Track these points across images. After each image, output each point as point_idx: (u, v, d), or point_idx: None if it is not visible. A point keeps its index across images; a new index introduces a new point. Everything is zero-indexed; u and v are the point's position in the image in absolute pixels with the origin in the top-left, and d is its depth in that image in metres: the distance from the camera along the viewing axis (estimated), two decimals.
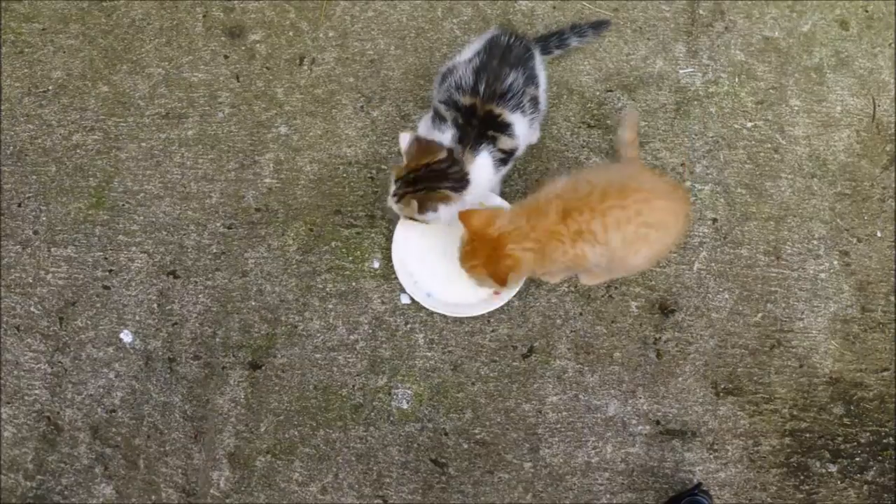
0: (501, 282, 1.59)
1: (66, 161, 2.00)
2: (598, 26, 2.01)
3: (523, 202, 1.64)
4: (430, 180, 1.67)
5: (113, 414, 1.86)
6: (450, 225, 1.70)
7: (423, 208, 1.66)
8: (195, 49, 2.07)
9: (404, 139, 1.67)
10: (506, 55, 1.71)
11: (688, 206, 1.66)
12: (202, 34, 2.08)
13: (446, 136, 1.71)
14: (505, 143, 1.72)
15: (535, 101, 1.76)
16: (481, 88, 1.68)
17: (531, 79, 1.74)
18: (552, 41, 1.93)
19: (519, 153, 1.79)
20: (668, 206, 1.59)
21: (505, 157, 1.74)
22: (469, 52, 1.76)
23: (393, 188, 1.70)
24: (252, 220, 1.95)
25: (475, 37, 1.89)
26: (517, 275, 1.64)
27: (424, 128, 1.78)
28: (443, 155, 1.67)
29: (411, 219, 1.71)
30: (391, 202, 1.71)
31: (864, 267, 1.92)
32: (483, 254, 1.59)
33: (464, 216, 1.60)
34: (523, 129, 1.75)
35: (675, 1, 2.07)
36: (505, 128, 1.71)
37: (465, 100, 1.69)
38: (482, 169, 1.70)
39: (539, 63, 1.80)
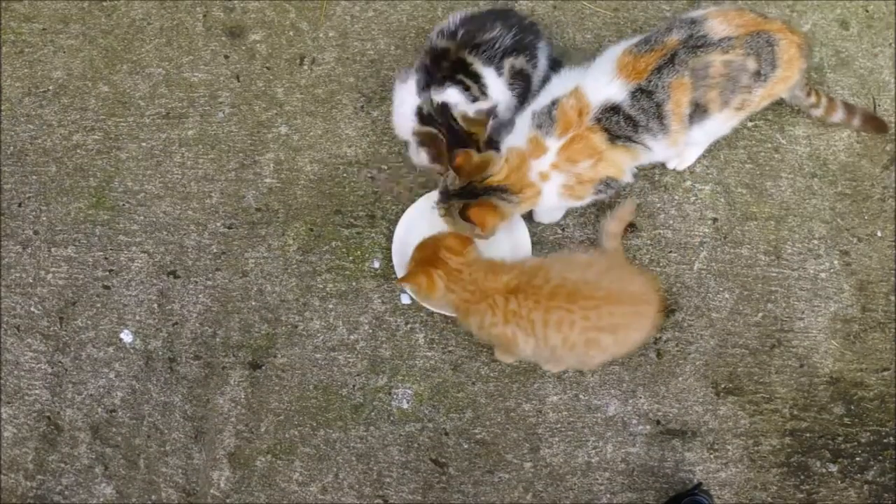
0: (404, 280, 1.64)
1: (66, 161, 2.00)
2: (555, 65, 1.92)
3: (494, 260, 1.66)
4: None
5: (113, 414, 1.86)
6: (455, 227, 1.70)
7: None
8: (195, 49, 2.07)
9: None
10: (507, 16, 1.68)
11: (655, 307, 1.64)
12: (202, 34, 2.08)
13: (410, 84, 1.69)
14: (476, 92, 1.67)
15: (521, 73, 1.72)
16: (459, 34, 1.66)
17: (525, 50, 1.70)
18: (553, 64, 1.88)
19: (500, 114, 1.73)
20: (625, 311, 1.59)
21: (475, 98, 1.70)
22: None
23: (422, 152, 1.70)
24: (252, 220, 1.95)
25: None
26: (421, 292, 1.66)
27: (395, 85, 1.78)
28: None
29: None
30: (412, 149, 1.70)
31: (864, 266, 1.92)
32: (423, 255, 1.63)
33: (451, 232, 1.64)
34: (499, 88, 1.70)
35: (675, 1, 2.07)
36: (475, 78, 1.67)
37: (442, 43, 1.67)
38: (451, 97, 1.67)
39: (544, 46, 1.77)
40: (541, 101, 1.69)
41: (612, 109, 1.62)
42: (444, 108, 1.68)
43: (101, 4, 2.11)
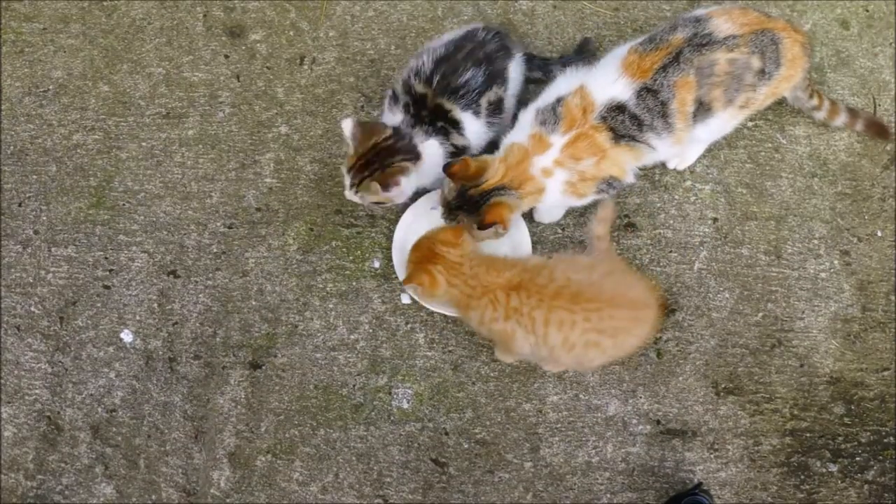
0: (407, 282, 1.64)
1: (66, 161, 2.00)
2: (582, 51, 1.94)
3: (495, 257, 1.66)
4: (382, 158, 1.65)
5: (113, 413, 1.86)
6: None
7: (385, 186, 1.65)
8: (195, 49, 2.07)
9: (347, 126, 1.65)
10: (474, 51, 1.69)
11: (654, 313, 1.64)
12: (202, 34, 2.08)
13: (396, 120, 1.71)
14: (456, 139, 1.71)
15: (497, 104, 1.74)
16: (435, 79, 1.67)
17: (497, 78, 1.72)
18: (536, 62, 1.90)
19: (473, 151, 1.77)
20: (627, 315, 1.59)
21: (456, 151, 1.73)
22: (444, 38, 1.75)
23: (348, 180, 1.69)
24: (252, 220, 1.95)
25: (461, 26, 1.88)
26: (424, 291, 1.65)
27: (386, 104, 1.79)
28: (388, 132, 1.66)
29: (378, 203, 1.70)
30: (350, 195, 1.70)
31: (864, 266, 1.92)
32: (420, 254, 1.63)
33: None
34: (476, 130, 1.73)
35: (675, 1, 2.07)
36: (454, 124, 1.69)
37: (419, 87, 1.68)
38: (431, 156, 1.70)
39: (515, 66, 1.78)
40: (545, 98, 1.69)
41: (618, 108, 1.62)
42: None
43: (101, 4, 2.11)
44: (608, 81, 1.63)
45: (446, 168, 1.64)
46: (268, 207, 1.96)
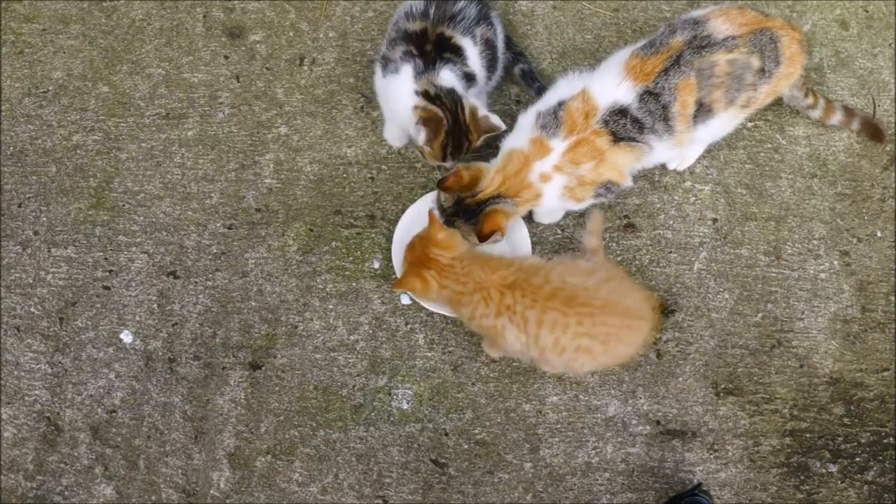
0: (398, 286, 1.69)
1: (66, 161, 2.00)
2: (543, 89, 1.90)
3: (491, 255, 1.66)
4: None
5: (113, 414, 1.86)
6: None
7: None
8: (195, 49, 2.07)
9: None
10: None
11: (648, 323, 1.64)
12: (202, 34, 2.08)
13: (405, 75, 1.70)
14: (463, 66, 1.72)
15: (487, 43, 1.77)
16: (431, 11, 1.69)
17: (485, 19, 1.75)
18: (513, 46, 1.93)
19: (479, 83, 1.78)
20: (620, 322, 1.59)
21: (467, 77, 1.74)
22: None
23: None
24: (252, 221, 1.95)
25: None
26: (416, 294, 1.69)
27: (378, 83, 1.78)
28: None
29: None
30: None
31: (864, 267, 1.92)
32: (413, 256, 1.64)
33: (432, 224, 1.64)
34: (475, 59, 1.74)
35: (675, 1, 2.07)
36: (457, 51, 1.70)
37: (415, 25, 1.69)
38: (449, 81, 1.70)
39: (499, 23, 1.82)
40: (546, 101, 1.69)
41: (620, 112, 1.62)
42: (454, 94, 1.69)
43: (101, 5, 2.11)
44: (611, 85, 1.63)
45: (440, 183, 1.65)
46: (267, 208, 1.96)
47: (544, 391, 1.84)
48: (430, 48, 1.69)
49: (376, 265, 1.91)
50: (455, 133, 1.70)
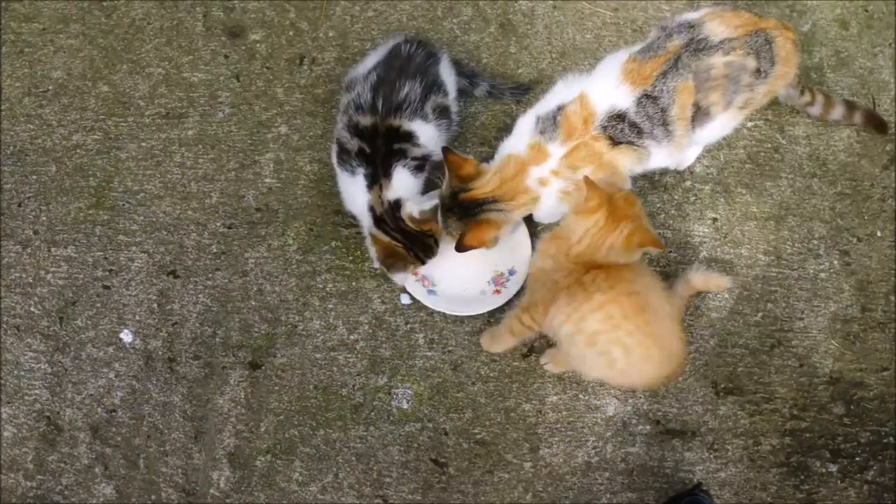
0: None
1: (66, 161, 2.00)
2: (517, 91, 1.96)
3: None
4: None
5: (113, 414, 1.86)
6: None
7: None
8: (195, 49, 2.07)
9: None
10: (405, 66, 1.71)
11: (670, 371, 1.62)
12: (202, 34, 2.08)
13: (358, 179, 1.71)
14: (414, 152, 1.72)
15: (443, 109, 1.76)
16: (379, 104, 1.69)
17: (435, 86, 1.74)
18: (465, 71, 1.92)
19: (434, 158, 1.77)
20: (659, 355, 1.56)
21: (420, 162, 1.74)
22: (369, 62, 1.77)
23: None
24: (252, 220, 1.95)
25: (380, 44, 1.88)
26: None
27: (335, 167, 1.78)
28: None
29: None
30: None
31: (864, 266, 1.92)
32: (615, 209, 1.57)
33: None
34: (430, 134, 1.74)
35: (675, 1, 2.07)
36: (408, 138, 1.70)
37: (365, 120, 1.69)
38: (402, 183, 1.71)
39: (447, 69, 1.80)
40: (545, 105, 1.69)
41: (618, 117, 1.62)
42: (395, 206, 1.70)
43: (101, 4, 2.11)
44: (609, 89, 1.63)
45: (445, 150, 1.65)
46: (267, 207, 1.96)
47: (544, 391, 1.84)
48: (381, 143, 1.69)
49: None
50: (415, 244, 1.72)
